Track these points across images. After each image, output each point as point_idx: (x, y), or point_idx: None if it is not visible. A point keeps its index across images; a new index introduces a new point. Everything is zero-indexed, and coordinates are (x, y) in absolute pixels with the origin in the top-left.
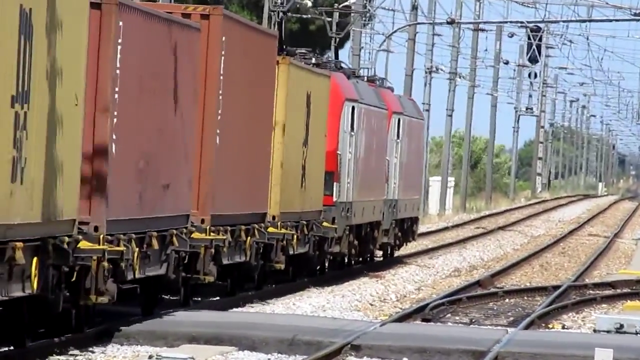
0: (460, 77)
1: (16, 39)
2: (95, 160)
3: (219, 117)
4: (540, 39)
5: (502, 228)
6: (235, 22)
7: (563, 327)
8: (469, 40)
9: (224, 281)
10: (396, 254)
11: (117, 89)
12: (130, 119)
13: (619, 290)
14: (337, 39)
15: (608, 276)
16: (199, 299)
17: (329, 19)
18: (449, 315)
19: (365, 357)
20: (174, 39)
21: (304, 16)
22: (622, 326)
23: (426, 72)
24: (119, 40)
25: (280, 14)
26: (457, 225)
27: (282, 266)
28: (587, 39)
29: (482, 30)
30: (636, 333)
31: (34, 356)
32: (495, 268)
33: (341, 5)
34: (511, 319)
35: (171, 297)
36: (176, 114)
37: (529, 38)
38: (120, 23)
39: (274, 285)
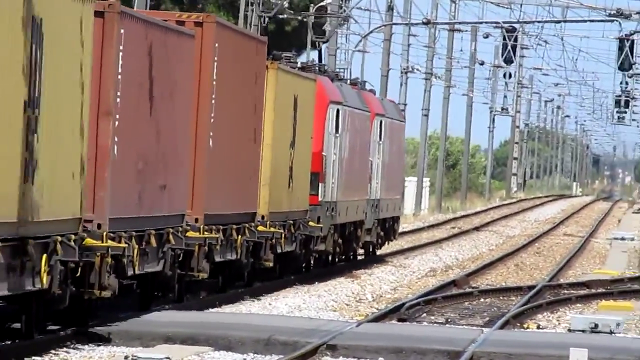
0: (435, 78)
1: (28, 47)
2: (98, 162)
3: (212, 121)
4: (515, 40)
5: (477, 228)
6: (227, 29)
7: (538, 327)
8: (444, 40)
9: (215, 278)
10: (377, 252)
11: (118, 94)
12: (130, 122)
13: (593, 290)
14: (320, 43)
15: (583, 276)
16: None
17: (305, 19)
18: (424, 315)
19: (341, 357)
20: (170, 45)
21: (280, 17)
22: (596, 326)
23: (402, 73)
24: (120, 47)
25: (266, 19)
26: (433, 226)
27: (271, 264)
28: (562, 39)
29: (458, 30)
30: (611, 333)
31: (10, 356)
32: (471, 268)
33: (317, 6)
34: (486, 318)
35: (159, 294)
36: (172, 117)
37: (504, 39)
38: (122, 30)
39: (259, 283)
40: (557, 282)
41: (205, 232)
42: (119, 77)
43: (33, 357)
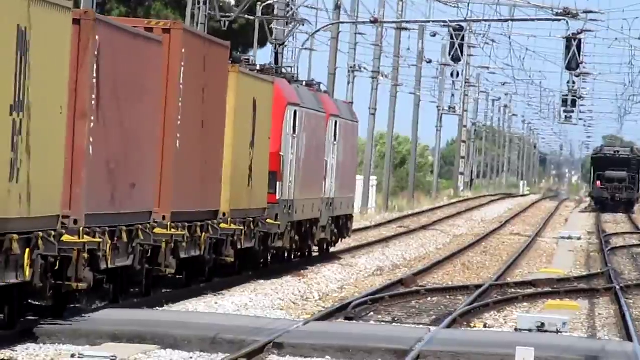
0: (383, 76)
1: (14, 54)
2: (74, 161)
3: (179, 123)
4: (462, 39)
5: (424, 227)
6: (193, 35)
7: (485, 326)
8: (391, 39)
9: (178, 274)
10: (331, 250)
11: (93, 97)
12: (104, 124)
13: (540, 289)
14: (277, 45)
15: (529, 275)
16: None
17: (257, 20)
18: (371, 314)
19: (288, 356)
20: (140, 51)
21: (229, 15)
22: (543, 325)
23: (349, 71)
24: (95, 52)
25: (227, 22)
26: (380, 225)
27: (232, 260)
28: (509, 38)
29: (405, 29)
30: (557, 332)
31: None
32: (418, 267)
33: (264, 4)
34: (433, 317)
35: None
36: (141, 119)
37: (451, 37)
38: (97, 37)
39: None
40: (504, 282)
41: (172, 229)
42: (94, 81)
43: None
